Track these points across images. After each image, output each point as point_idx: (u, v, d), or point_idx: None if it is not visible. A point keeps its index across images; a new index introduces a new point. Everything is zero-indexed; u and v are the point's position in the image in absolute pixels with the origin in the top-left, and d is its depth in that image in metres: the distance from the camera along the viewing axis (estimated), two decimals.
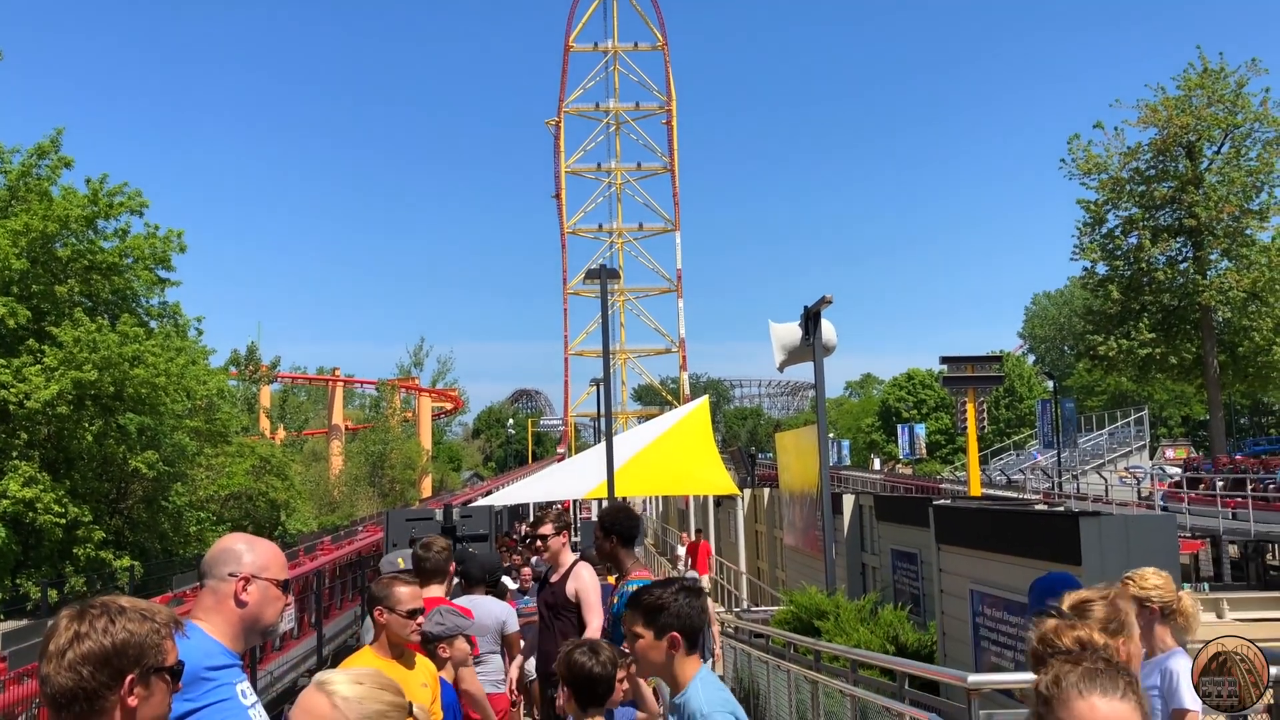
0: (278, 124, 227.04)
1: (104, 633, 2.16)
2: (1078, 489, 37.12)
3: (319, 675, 2.33)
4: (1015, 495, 37.14)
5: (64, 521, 26.64)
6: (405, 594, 4.49)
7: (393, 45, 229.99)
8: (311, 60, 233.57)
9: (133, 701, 2.17)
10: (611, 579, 6.57)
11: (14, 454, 26.71)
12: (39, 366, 26.52)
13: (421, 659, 4.66)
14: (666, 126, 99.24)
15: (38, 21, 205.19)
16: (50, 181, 28.94)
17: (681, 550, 24.87)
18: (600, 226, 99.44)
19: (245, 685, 3.07)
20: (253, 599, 3.11)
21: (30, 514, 26.08)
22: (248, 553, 3.14)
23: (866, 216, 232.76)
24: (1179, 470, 36.59)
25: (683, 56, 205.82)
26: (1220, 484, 27.99)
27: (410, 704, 2.38)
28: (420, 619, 4.53)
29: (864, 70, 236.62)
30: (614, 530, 5.78)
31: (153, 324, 31.58)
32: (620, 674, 4.18)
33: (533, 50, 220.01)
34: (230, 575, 3.09)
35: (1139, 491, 34.44)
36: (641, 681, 4.51)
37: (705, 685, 3.38)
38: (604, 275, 15.63)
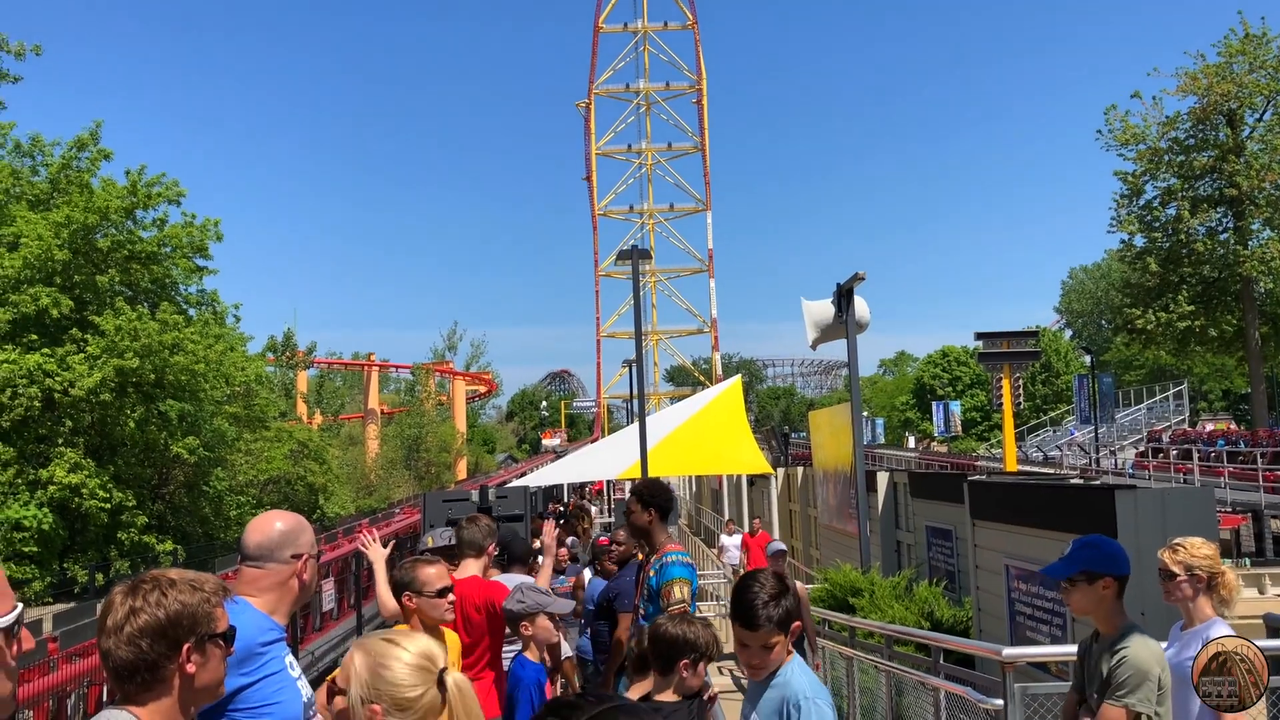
0: (312, 112, 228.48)
1: (158, 605, 2.25)
2: (1116, 464, 36.83)
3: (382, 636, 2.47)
4: (1052, 471, 36.88)
5: (108, 506, 27.15)
6: (432, 575, 4.46)
7: (424, 32, 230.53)
8: (343, 48, 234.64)
9: (191, 668, 2.27)
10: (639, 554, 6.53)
11: (60, 441, 27.23)
12: (82, 355, 26.98)
13: (452, 637, 4.63)
14: (697, 106, 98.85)
15: (73, 14, 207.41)
16: (90, 173, 29.36)
17: (727, 540, 22.46)
18: (631, 208, 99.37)
19: (290, 657, 3.19)
20: (309, 575, 3.29)
21: (76, 499, 26.60)
22: (303, 533, 3.28)
23: (900, 193, 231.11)
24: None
25: (713, 35, 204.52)
26: (1261, 458, 27.67)
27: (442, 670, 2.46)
28: (450, 596, 4.47)
29: (895, 46, 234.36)
30: (652, 503, 5.65)
31: (191, 312, 32.03)
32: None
33: (562, 32, 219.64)
34: (294, 557, 3.22)
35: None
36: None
37: (803, 669, 3.47)
38: (635, 256, 15.66)
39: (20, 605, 1.67)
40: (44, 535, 26.12)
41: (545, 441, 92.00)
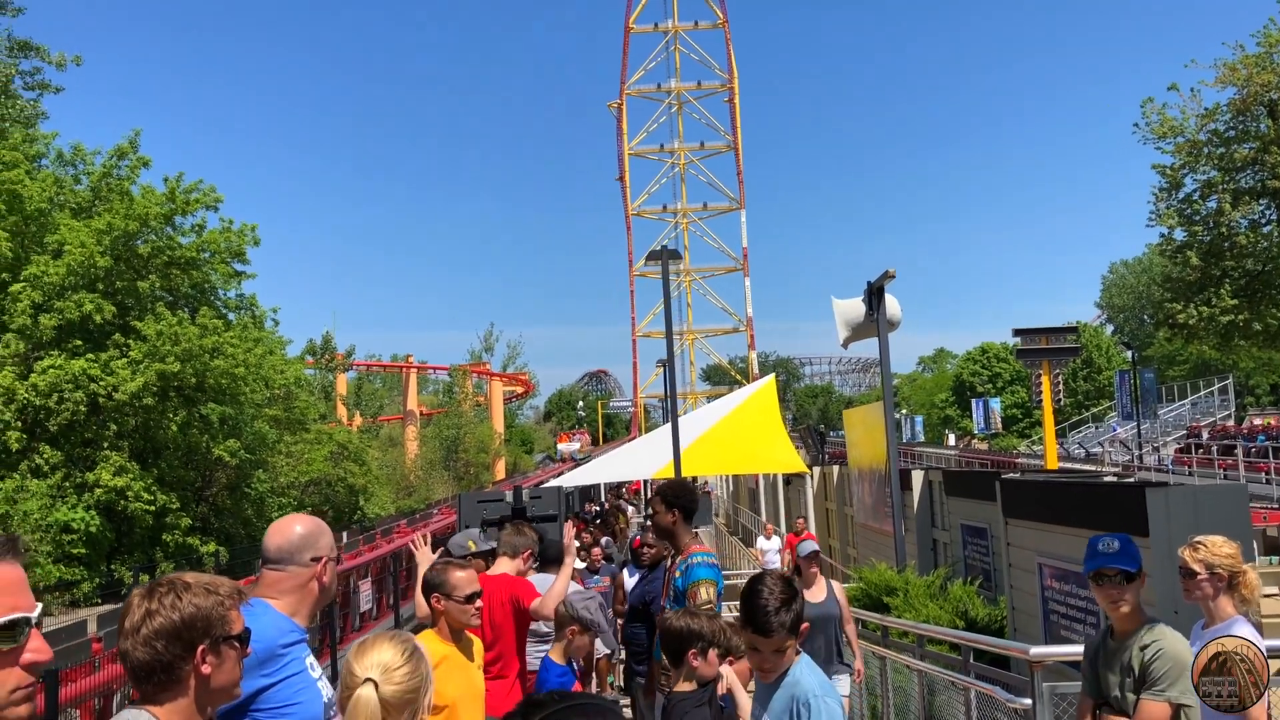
0: (346, 118, 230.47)
1: (172, 608, 2.31)
2: (1159, 460, 36.36)
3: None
4: (1093, 468, 36.48)
5: (153, 509, 27.59)
6: (462, 579, 4.47)
7: (456, 36, 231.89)
8: (377, 52, 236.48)
9: (206, 669, 2.32)
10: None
11: (105, 444, 27.70)
12: (125, 360, 27.43)
13: (476, 642, 4.64)
14: (729, 104, 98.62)
15: (106, 23, 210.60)
16: (130, 181, 29.84)
17: (767, 543, 21.73)
18: (665, 207, 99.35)
19: (311, 658, 3.25)
20: (329, 578, 3.33)
21: (122, 502, 27.05)
22: (322, 536, 3.33)
23: (936, 188, 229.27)
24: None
25: (744, 32, 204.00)
26: None
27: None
28: (478, 602, 4.46)
29: (928, 40, 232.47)
30: (676, 504, 5.63)
31: (230, 316, 32.45)
32: (724, 667, 4.28)
33: (593, 33, 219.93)
34: (313, 560, 3.28)
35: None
36: (736, 683, 4.57)
37: (811, 667, 3.54)
38: (665, 257, 15.69)
39: (18, 614, 1.71)
40: (92, 537, 26.58)
41: (561, 446, 75.07)
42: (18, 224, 27.84)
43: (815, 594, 8.59)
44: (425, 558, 5.69)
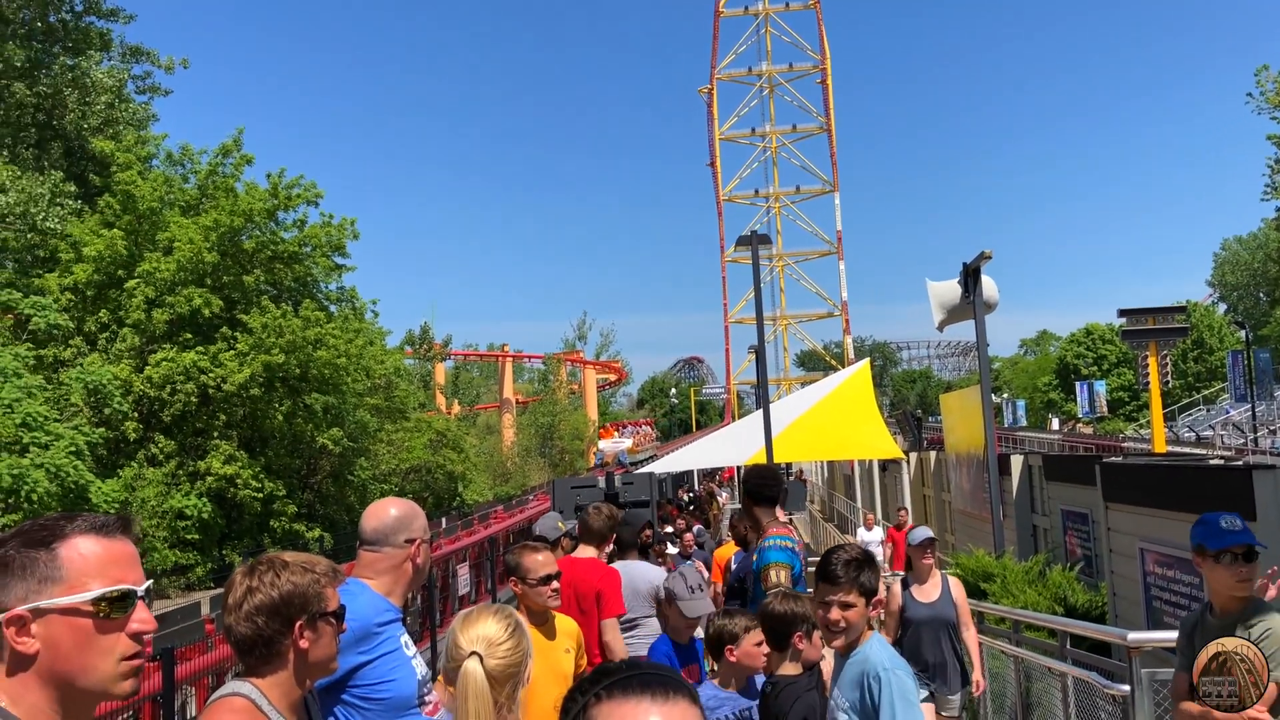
0: (440, 113, 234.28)
1: (272, 585, 2.43)
2: (1274, 444, 34.93)
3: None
4: (1203, 452, 35.22)
5: (261, 496, 28.58)
6: (537, 562, 4.46)
7: (548, 28, 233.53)
8: (471, 47, 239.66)
9: (304, 644, 2.43)
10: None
11: (215, 434, 28.77)
12: (233, 352, 28.44)
13: (563, 623, 4.62)
14: (821, 86, 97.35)
15: (210, 24, 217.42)
16: (234, 178, 30.88)
17: (867, 535, 20.50)
18: (756, 192, 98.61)
19: (406, 637, 3.33)
20: (423, 559, 3.41)
21: (231, 489, 28.09)
22: (415, 519, 3.42)
23: (1037, 165, 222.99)
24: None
25: (835, 11, 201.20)
26: None
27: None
28: (554, 584, 4.46)
29: (1028, 8, 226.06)
30: (755, 490, 5.90)
31: (332, 308, 33.38)
32: (827, 649, 4.31)
33: (682, 19, 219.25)
34: (407, 542, 3.37)
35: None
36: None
37: (881, 643, 3.59)
38: (755, 242, 15.62)
39: (131, 585, 1.83)
40: (204, 524, 27.66)
41: (605, 444, 61.26)
42: (131, 223, 29.05)
43: (928, 591, 7.41)
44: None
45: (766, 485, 5.91)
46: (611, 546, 6.77)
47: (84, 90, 31.09)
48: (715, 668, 4.63)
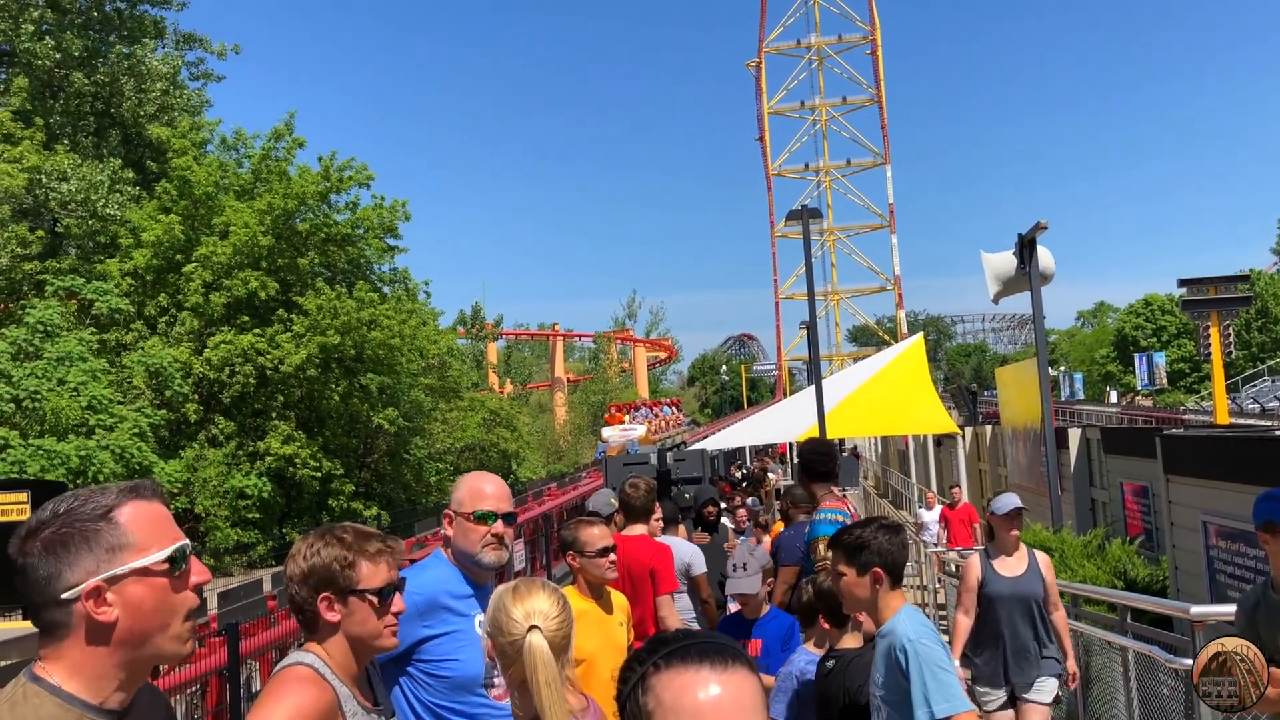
0: (489, 92, 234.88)
1: (305, 556, 2.43)
2: None
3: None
4: (1268, 424, 34.43)
5: (319, 475, 29.05)
6: (594, 535, 4.45)
7: (594, 6, 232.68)
8: (518, 26, 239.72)
9: (331, 617, 2.40)
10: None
11: (273, 415, 29.26)
12: (289, 334, 28.87)
13: (618, 597, 4.61)
14: (871, 57, 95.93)
15: (260, 8, 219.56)
16: (287, 162, 31.25)
17: (928, 515, 19.06)
18: (806, 166, 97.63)
19: (482, 616, 3.16)
20: (453, 534, 3.31)
21: (290, 469, 28.58)
22: (454, 490, 3.35)
23: (1093, 132, 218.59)
24: None
25: None
26: None
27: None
28: (611, 556, 4.44)
29: None
30: (806, 464, 5.99)
31: (385, 289, 33.72)
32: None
33: None
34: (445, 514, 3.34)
35: None
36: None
37: (910, 616, 3.55)
38: (805, 216, 15.49)
39: (177, 545, 1.86)
40: (265, 503, 28.18)
41: (609, 433, 46.18)
42: (188, 208, 29.54)
43: (1014, 565, 6.48)
44: None
45: (820, 460, 5.90)
46: (660, 521, 6.77)
47: (140, 78, 31.60)
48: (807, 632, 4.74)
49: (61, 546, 1.74)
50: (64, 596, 1.73)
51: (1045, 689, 6.36)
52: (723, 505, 15.43)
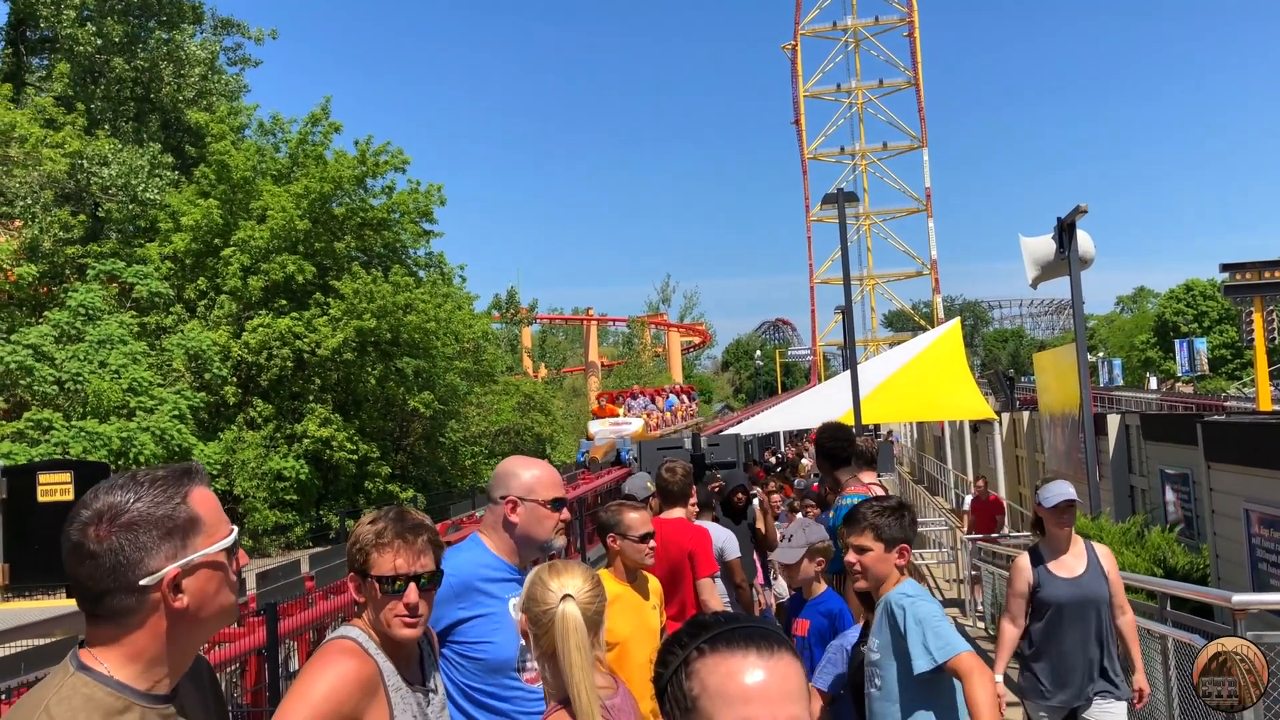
0: (523, 77, 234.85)
1: (351, 534, 2.62)
2: None
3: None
4: None
5: (356, 458, 29.30)
6: (636, 520, 4.44)
7: None
8: (554, 11, 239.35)
9: (356, 596, 2.59)
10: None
11: (310, 398, 29.53)
12: (326, 318, 29.10)
13: (653, 582, 4.60)
14: (909, 39, 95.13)
15: None
16: (323, 146, 31.42)
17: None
18: (842, 149, 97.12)
19: (517, 600, 3.17)
20: (520, 519, 3.28)
21: (327, 452, 28.85)
22: (515, 477, 3.31)
23: (1134, 115, 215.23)
24: None
25: None
26: None
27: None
28: (652, 542, 4.44)
29: None
30: (824, 450, 6.06)
31: (420, 273, 33.87)
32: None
33: None
34: (501, 498, 3.30)
35: None
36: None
37: (908, 584, 3.70)
38: (841, 199, 15.39)
39: (236, 529, 1.88)
40: (302, 485, 28.47)
41: (594, 427, 38.24)
42: (226, 192, 29.81)
43: (1071, 564, 5.40)
44: None
45: (838, 445, 5.87)
46: (696, 504, 6.76)
47: (179, 63, 31.87)
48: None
49: (143, 531, 1.69)
50: (143, 583, 1.68)
51: (1111, 711, 5.33)
52: (755, 490, 15.44)
